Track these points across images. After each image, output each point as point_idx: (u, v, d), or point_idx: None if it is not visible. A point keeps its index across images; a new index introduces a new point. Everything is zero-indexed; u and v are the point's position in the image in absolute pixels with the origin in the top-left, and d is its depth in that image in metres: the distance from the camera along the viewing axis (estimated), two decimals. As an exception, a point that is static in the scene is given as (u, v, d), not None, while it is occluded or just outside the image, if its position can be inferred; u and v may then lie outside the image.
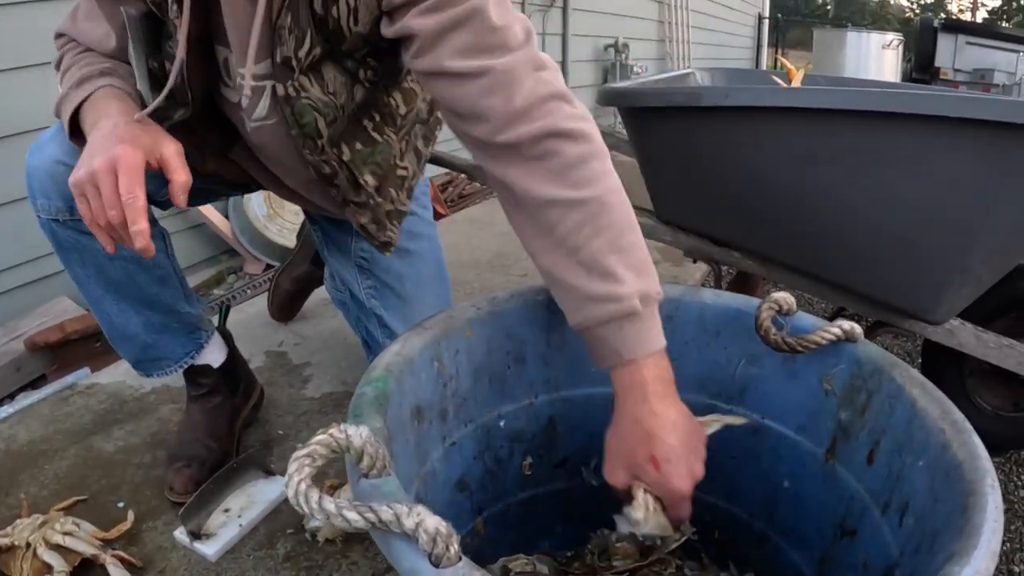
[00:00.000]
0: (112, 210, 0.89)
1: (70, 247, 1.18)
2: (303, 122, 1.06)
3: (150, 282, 1.24)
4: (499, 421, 0.91)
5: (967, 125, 1.04)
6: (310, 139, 1.09)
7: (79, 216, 1.08)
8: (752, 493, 0.99)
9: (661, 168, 1.46)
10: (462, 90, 0.87)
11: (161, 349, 1.32)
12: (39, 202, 1.16)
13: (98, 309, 1.26)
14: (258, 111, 1.08)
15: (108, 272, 1.20)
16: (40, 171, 1.14)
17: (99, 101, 1.00)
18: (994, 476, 0.64)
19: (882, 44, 9.06)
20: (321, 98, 1.05)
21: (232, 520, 1.24)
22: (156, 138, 0.95)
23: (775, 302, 0.86)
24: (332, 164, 1.14)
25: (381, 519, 0.44)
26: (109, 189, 0.89)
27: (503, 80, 0.85)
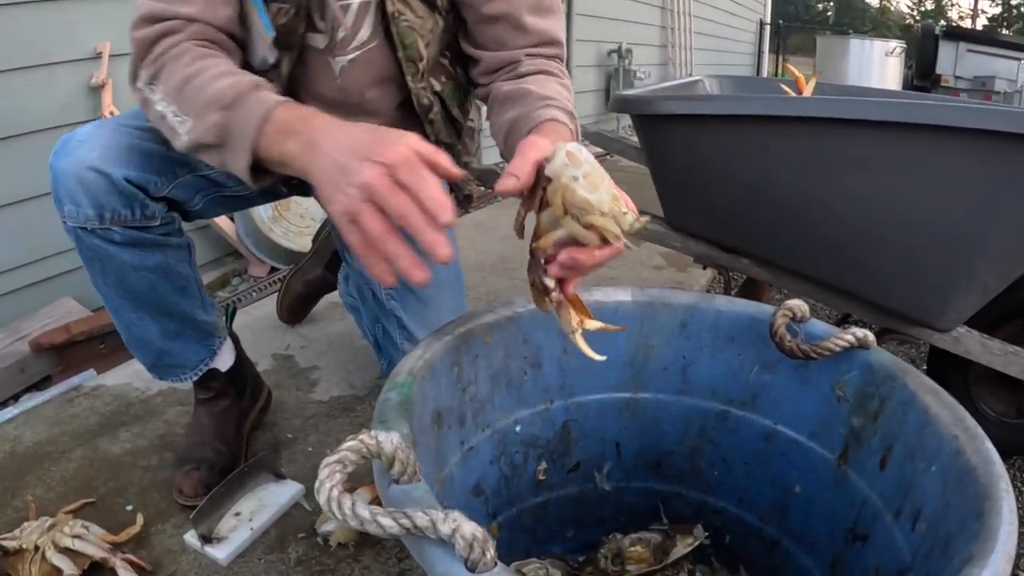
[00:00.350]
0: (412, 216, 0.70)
1: (93, 256, 1.15)
2: (407, 42, 1.12)
3: (171, 292, 1.23)
4: (515, 426, 0.92)
5: (975, 135, 1.05)
6: (412, 62, 1.14)
7: (108, 224, 1.08)
8: (763, 498, 0.99)
9: (672, 174, 1.47)
10: (512, 38, 1.10)
11: (176, 356, 1.32)
12: (66, 208, 1.11)
13: (117, 316, 1.25)
14: (360, 35, 1.11)
15: (130, 282, 1.18)
16: (69, 176, 1.08)
17: (285, 117, 0.84)
18: (1008, 481, 0.65)
19: (885, 52, 9.08)
20: (416, 20, 1.11)
21: (243, 524, 1.24)
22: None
23: (789, 309, 0.87)
24: (429, 96, 1.19)
25: (416, 525, 0.45)
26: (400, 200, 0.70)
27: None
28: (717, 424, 0.99)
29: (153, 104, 0.95)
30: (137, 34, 0.97)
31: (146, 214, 1.12)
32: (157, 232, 1.15)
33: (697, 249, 1.50)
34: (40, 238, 2.20)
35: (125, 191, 1.09)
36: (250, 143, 0.83)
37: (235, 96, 0.86)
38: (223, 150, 0.87)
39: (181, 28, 0.97)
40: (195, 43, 0.96)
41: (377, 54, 1.15)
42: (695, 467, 1.03)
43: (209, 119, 0.87)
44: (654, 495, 1.06)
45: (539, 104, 1.02)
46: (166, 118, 0.93)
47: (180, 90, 0.91)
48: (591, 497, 1.04)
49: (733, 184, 1.35)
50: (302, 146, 0.79)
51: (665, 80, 6.92)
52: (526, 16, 1.10)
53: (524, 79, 1.10)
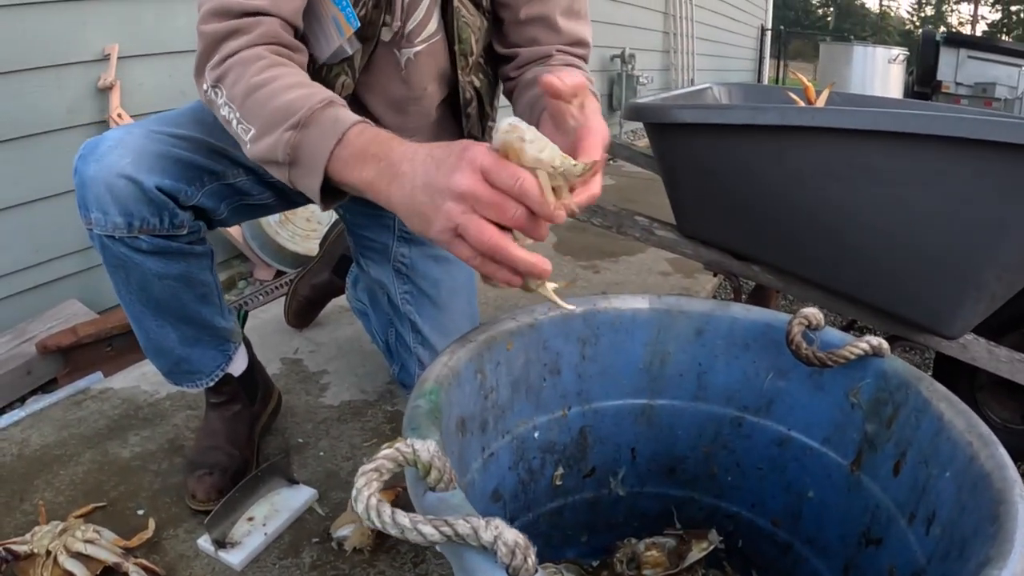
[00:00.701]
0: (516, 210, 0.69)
1: (118, 264, 1.14)
2: (463, 36, 1.17)
3: (193, 299, 1.22)
4: (533, 432, 0.92)
5: (985, 146, 1.07)
6: (464, 57, 1.19)
7: (136, 233, 1.08)
8: (776, 503, 1.00)
9: (684, 182, 1.48)
10: (546, 36, 1.16)
11: (194, 363, 1.31)
12: (93, 216, 1.09)
13: (137, 324, 1.25)
14: (429, 27, 1.15)
15: (153, 290, 1.17)
16: (98, 183, 1.06)
17: (361, 141, 0.81)
18: (1022, 486, 0.66)
19: (888, 59, 9.11)
20: (470, 16, 1.17)
21: (257, 529, 1.24)
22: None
23: (805, 317, 0.88)
24: (471, 90, 1.24)
25: (458, 532, 0.45)
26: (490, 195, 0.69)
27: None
28: (731, 430, 1.00)
29: (218, 107, 0.93)
30: (205, 28, 0.94)
31: (175, 223, 1.11)
32: (183, 241, 1.14)
33: (709, 256, 1.51)
34: (47, 240, 2.20)
35: (156, 200, 1.08)
36: (323, 164, 0.80)
37: (308, 113, 0.83)
38: (294, 168, 0.84)
39: (250, 28, 0.93)
40: (265, 48, 0.93)
41: (439, 47, 1.19)
42: (709, 472, 1.04)
43: (279, 135, 0.84)
44: (668, 500, 1.06)
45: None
46: (231, 124, 0.91)
47: (246, 97, 0.88)
48: (606, 502, 1.04)
49: (747, 193, 1.36)
50: (381, 174, 0.76)
51: (667, 85, 6.95)
52: (559, 18, 1.17)
53: (552, 68, 1.14)
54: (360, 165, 0.78)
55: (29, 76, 2.09)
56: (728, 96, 1.89)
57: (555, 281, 0.76)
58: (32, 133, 2.12)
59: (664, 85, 7.14)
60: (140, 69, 2.37)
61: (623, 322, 0.95)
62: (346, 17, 1.04)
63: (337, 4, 1.03)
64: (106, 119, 2.27)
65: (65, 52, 2.17)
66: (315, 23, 1.07)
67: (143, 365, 1.85)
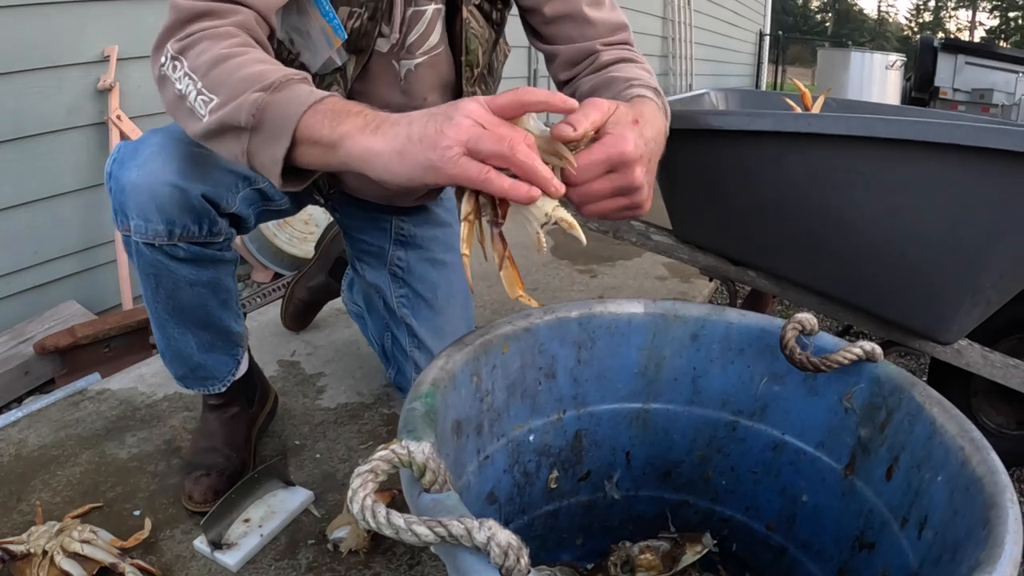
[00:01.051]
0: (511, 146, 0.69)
1: (152, 271, 1.14)
2: (471, 47, 1.18)
3: (216, 306, 1.23)
4: (529, 435, 0.93)
5: (981, 153, 1.07)
6: (470, 68, 1.20)
7: (175, 241, 1.07)
8: (771, 507, 1.01)
9: (681, 188, 1.48)
10: (580, 32, 1.15)
11: (210, 368, 1.32)
12: (134, 223, 1.06)
13: (160, 330, 1.24)
14: (431, 40, 1.16)
15: (181, 297, 1.17)
16: (141, 190, 1.04)
17: (341, 103, 0.79)
18: (1013, 490, 0.67)
19: (885, 65, 9.13)
20: (479, 28, 1.17)
21: (253, 530, 1.25)
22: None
23: (799, 322, 0.89)
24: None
25: (452, 533, 0.46)
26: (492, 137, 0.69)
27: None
28: (726, 434, 1.00)
29: (172, 82, 0.86)
30: (180, 2, 0.89)
31: (213, 231, 1.11)
32: (216, 248, 1.15)
33: (705, 262, 1.52)
34: (46, 241, 2.21)
35: (199, 207, 1.07)
36: (292, 127, 0.76)
37: (282, 79, 0.79)
38: (256, 133, 0.79)
39: (225, 13, 0.90)
40: (238, 30, 0.90)
41: (441, 59, 1.20)
42: (704, 476, 1.04)
43: (244, 97, 0.79)
44: (663, 503, 1.07)
45: (625, 86, 1.04)
46: (186, 98, 0.84)
47: (213, 66, 0.83)
48: (600, 505, 1.05)
49: (744, 198, 1.36)
50: (366, 124, 0.74)
51: (666, 90, 6.95)
52: (586, 9, 1.16)
53: (606, 69, 1.14)
54: (339, 120, 0.75)
55: (29, 77, 2.10)
56: (725, 102, 1.90)
57: (527, 295, 0.77)
58: (32, 134, 2.13)
59: (663, 90, 7.16)
60: (139, 71, 2.37)
61: (619, 326, 0.95)
62: (333, 29, 1.04)
63: (324, 15, 1.03)
64: (105, 120, 2.28)
65: (65, 53, 2.18)
66: (304, 32, 1.07)
67: (140, 366, 1.86)
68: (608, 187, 0.80)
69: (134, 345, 2.12)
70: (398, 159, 0.72)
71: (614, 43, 1.18)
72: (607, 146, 0.78)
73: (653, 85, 1.06)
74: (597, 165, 0.78)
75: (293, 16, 1.05)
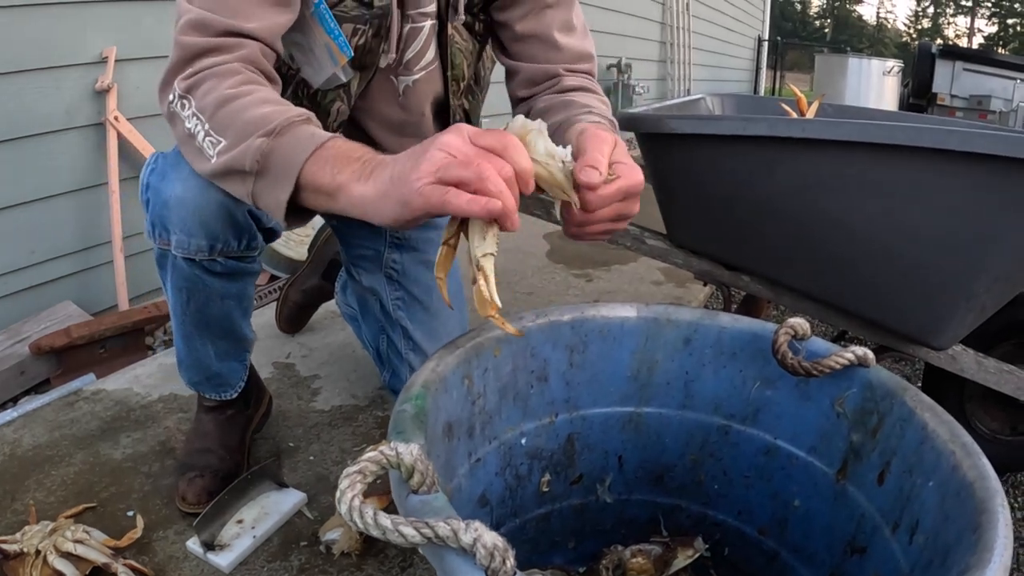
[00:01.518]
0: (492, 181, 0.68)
1: (186, 285, 1.13)
2: (456, 62, 1.20)
3: (239, 316, 1.24)
4: (521, 438, 0.93)
5: (975, 159, 1.08)
6: (456, 82, 1.22)
7: (215, 256, 1.07)
8: (763, 511, 1.01)
9: (676, 193, 1.49)
10: (546, 54, 1.16)
11: (225, 376, 1.34)
12: (175, 238, 1.05)
13: (185, 341, 1.25)
14: (427, 56, 1.18)
15: (210, 309, 1.18)
16: (187, 206, 1.02)
17: (343, 146, 0.80)
18: (1003, 495, 0.67)
19: (883, 71, 9.17)
20: (463, 42, 1.19)
21: (246, 531, 1.25)
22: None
23: (791, 327, 0.89)
24: (460, 113, 1.26)
25: (438, 534, 0.46)
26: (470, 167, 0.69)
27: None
28: (718, 438, 1.01)
29: (182, 119, 0.88)
30: (184, 39, 0.90)
31: (251, 245, 1.12)
32: (248, 261, 1.16)
33: (700, 266, 1.52)
34: (43, 241, 2.21)
35: (244, 223, 1.07)
36: (296, 171, 0.77)
37: (286, 123, 0.81)
38: (260, 178, 0.81)
39: (230, 49, 0.90)
40: (243, 66, 0.90)
41: (435, 75, 1.22)
42: (696, 480, 1.04)
43: (250, 143, 0.80)
44: (655, 507, 1.07)
45: (582, 110, 1.06)
46: (195, 137, 0.86)
47: (219, 107, 0.84)
48: (593, 509, 1.05)
49: (738, 203, 1.37)
50: (360, 173, 0.75)
51: (664, 95, 6.98)
52: (557, 34, 1.17)
53: (566, 93, 1.14)
54: (339, 167, 0.76)
55: (28, 77, 2.10)
56: (721, 107, 1.90)
57: (501, 317, 0.77)
58: (30, 134, 2.12)
59: (660, 95, 7.17)
60: (138, 72, 2.37)
61: (611, 330, 0.96)
62: (339, 46, 1.04)
63: (329, 33, 1.03)
64: (103, 121, 2.28)
65: (64, 54, 2.18)
66: (307, 49, 1.07)
67: (136, 367, 1.86)
68: (612, 214, 0.81)
69: (130, 346, 2.11)
70: (383, 202, 0.73)
71: (577, 71, 1.19)
72: (624, 178, 0.79)
73: (609, 117, 1.08)
74: (613, 196, 0.79)
75: (295, 33, 1.03)
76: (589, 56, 1.21)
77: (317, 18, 1.02)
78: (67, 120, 2.22)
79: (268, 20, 0.93)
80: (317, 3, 1.02)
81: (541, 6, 1.15)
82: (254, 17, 0.92)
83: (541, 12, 1.16)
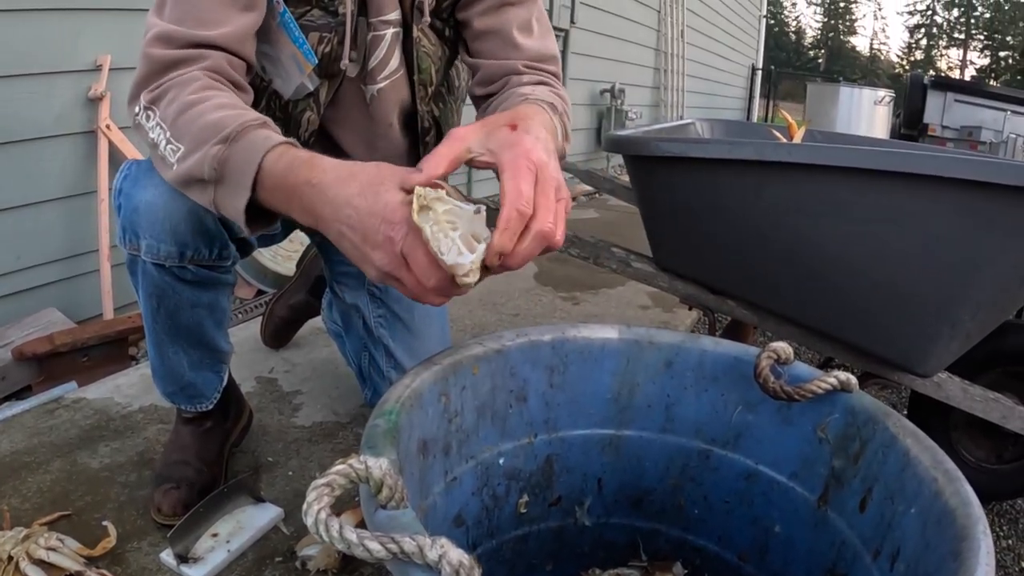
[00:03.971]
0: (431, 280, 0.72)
1: (156, 292, 1.13)
2: (423, 67, 1.18)
3: (212, 326, 1.23)
4: (499, 459, 0.92)
5: (959, 185, 1.08)
6: (423, 87, 1.20)
7: (185, 263, 1.07)
8: (743, 537, 1.00)
9: (662, 216, 1.49)
10: (504, 51, 1.14)
11: (199, 386, 1.33)
12: (145, 243, 1.05)
13: (157, 349, 1.24)
14: (391, 64, 1.16)
15: (181, 317, 1.17)
16: (157, 212, 1.02)
17: (279, 168, 0.80)
18: (985, 523, 0.66)
19: (874, 100, 9.27)
20: (430, 47, 1.18)
21: (220, 545, 1.23)
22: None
23: (774, 351, 0.88)
24: (429, 119, 1.25)
25: (404, 550, 0.45)
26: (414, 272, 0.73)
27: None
28: (699, 463, 1.00)
29: (146, 131, 0.90)
30: (151, 52, 0.92)
31: (223, 254, 1.11)
32: (221, 271, 1.15)
33: (685, 290, 1.52)
34: (29, 246, 2.19)
35: (213, 231, 1.07)
36: (252, 175, 0.79)
37: (239, 128, 0.81)
38: (220, 186, 0.82)
39: (196, 60, 0.92)
40: (206, 74, 0.92)
41: (401, 82, 1.20)
42: (676, 505, 1.03)
43: (206, 151, 0.82)
44: (634, 531, 1.06)
45: (519, 100, 1.03)
46: (158, 147, 0.88)
47: (179, 115, 0.86)
48: (571, 531, 1.04)
49: (722, 227, 1.37)
50: (303, 212, 0.78)
51: (656, 121, 7.03)
52: (516, 32, 1.15)
53: (517, 87, 1.12)
54: (286, 200, 0.79)
55: (21, 82, 2.09)
56: (711, 131, 1.91)
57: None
58: (20, 139, 2.11)
59: (653, 121, 7.20)
60: (131, 81, 2.37)
61: (592, 351, 0.95)
62: (304, 55, 1.06)
63: (295, 42, 1.04)
64: (94, 129, 2.28)
65: (58, 60, 2.17)
66: (275, 60, 1.08)
67: (118, 377, 1.85)
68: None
69: (112, 355, 2.10)
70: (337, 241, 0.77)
71: (538, 69, 1.16)
72: (537, 222, 0.74)
73: (549, 101, 1.04)
74: (529, 253, 0.75)
75: (264, 44, 1.06)
76: (552, 57, 1.19)
77: (283, 28, 1.04)
78: (58, 126, 2.21)
79: (233, 25, 0.95)
80: (282, 12, 1.03)
81: (501, 3, 1.14)
82: (220, 23, 0.94)
83: (500, 9, 1.15)
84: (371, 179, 0.74)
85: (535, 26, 1.18)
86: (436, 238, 0.68)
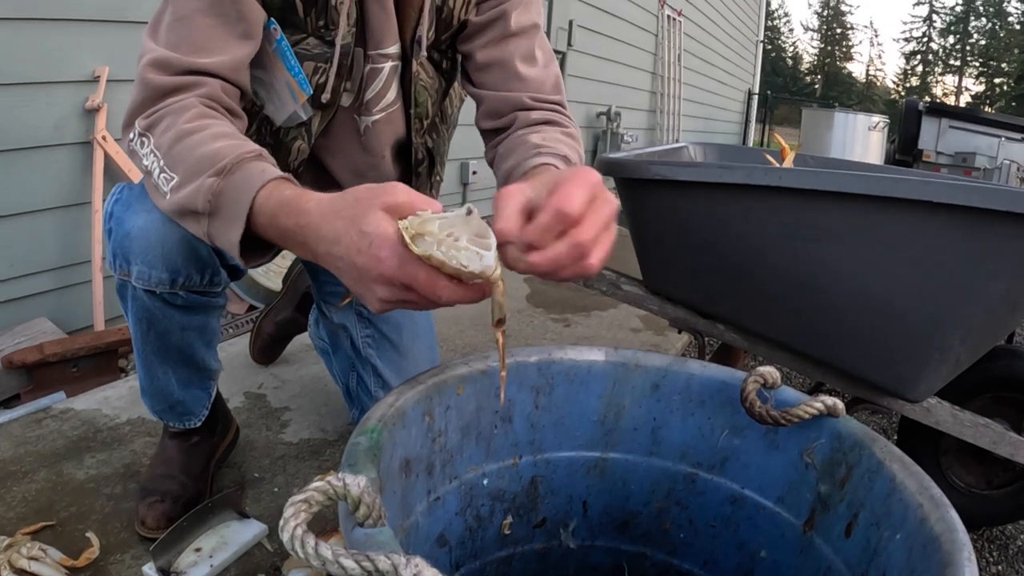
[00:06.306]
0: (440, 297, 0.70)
1: (145, 316, 1.12)
2: (420, 100, 1.19)
3: (201, 347, 1.24)
4: (483, 479, 0.91)
5: (950, 210, 1.08)
6: (419, 120, 1.21)
7: (176, 289, 1.07)
8: (729, 562, 0.99)
9: (652, 238, 1.49)
10: (507, 83, 1.14)
11: (187, 404, 1.33)
12: (136, 269, 1.04)
13: (146, 369, 1.24)
14: (388, 97, 1.16)
15: (170, 339, 1.17)
16: (150, 238, 1.01)
17: (270, 205, 0.78)
18: (971, 549, 0.66)
19: (868, 126, 9.33)
20: (428, 79, 1.18)
21: (203, 560, 1.22)
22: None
23: (761, 375, 0.88)
24: (423, 150, 1.26)
25: (378, 568, 0.45)
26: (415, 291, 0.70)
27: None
28: (685, 487, 0.99)
29: (140, 157, 0.89)
30: (148, 78, 0.91)
31: (214, 280, 1.12)
32: (212, 295, 1.15)
33: (674, 313, 1.52)
34: (22, 255, 2.19)
35: (207, 258, 1.07)
36: (247, 210, 0.77)
37: (235, 160, 0.80)
38: (214, 218, 0.80)
39: (193, 87, 0.92)
40: (202, 101, 0.91)
41: (397, 115, 1.20)
42: (661, 528, 1.03)
43: (201, 182, 0.80)
44: (619, 555, 1.05)
45: (532, 152, 1.02)
46: (152, 174, 0.87)
47: (174, 143, 0.85)
48: (555, 554, 1.03)
49: (712, 251, 1.37)
50: (299, 250, 0.76)
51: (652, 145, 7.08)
52: (519, 64, 1.15)
53: (528, 128, 1.11)
54: (281, 237, 0.77)
55: (19, 91, 2.09)
56: (703, 155, 1.92)
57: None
58: (16, 148, 2.11)
59: (649, 144, 7.25)
60: (128, 93, 2.37)
61: (578, 373, 0.95)
62: (299, 83, 1.05)
63: (290, 70, 1.04)
64: (91, 140, 2.28)
65: (56, 70, 2.18)
66: (269, 86, 1.08)
67: (106, 388, 1.84)
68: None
69: (102, 367, 2.09)
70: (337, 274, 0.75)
71: (544, 102, 1.15)
72: (557, 201, 0.69)
73: (561, 153, 1.02)
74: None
75: (258, 69, 1.06)
76: (555, 87, 1.18)
77: (279, 55, 1.04)
78: (54, 136, 2.21)
79: (230, 54, 0.95)
80: (279, 39, 1.03)
81: (503, 35, 1.14)
82: (217, 51, 0.94)
83: (503, 41, 1.14)
84: (353, 215, 0.71)
85: (538, 55, 1.17)
86: (450, 256, 0.66)
